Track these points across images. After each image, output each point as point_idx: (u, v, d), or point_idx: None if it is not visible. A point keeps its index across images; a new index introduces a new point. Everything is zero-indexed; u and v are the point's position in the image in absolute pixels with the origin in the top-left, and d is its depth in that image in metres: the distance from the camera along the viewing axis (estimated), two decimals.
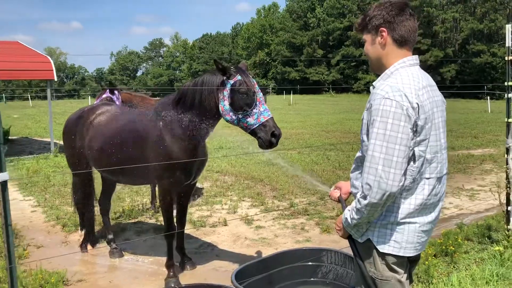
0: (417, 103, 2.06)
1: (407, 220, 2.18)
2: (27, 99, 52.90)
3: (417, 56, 2.28)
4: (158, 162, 4.22)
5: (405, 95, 2.06)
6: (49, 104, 13.64)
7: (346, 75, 62.44)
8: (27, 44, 15.38)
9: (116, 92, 6.55)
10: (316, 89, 58.97)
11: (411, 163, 2.12)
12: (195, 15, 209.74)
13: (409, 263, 2.33)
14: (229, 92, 3.97)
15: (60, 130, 5.71)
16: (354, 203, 2.20)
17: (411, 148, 2.09)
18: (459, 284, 4.13)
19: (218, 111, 4.09)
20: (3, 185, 2.30)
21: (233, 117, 3.97)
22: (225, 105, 4.00)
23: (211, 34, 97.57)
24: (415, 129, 2.08)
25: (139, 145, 4.35)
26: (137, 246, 5.53)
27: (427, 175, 2.18)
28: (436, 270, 4.50)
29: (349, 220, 2.23)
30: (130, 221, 6.56)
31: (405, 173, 2.08)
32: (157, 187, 5.86)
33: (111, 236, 5.39)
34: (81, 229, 5.55)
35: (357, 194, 2.22)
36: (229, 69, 4.01)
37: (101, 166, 4.73)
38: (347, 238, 2.37)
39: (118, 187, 6.82)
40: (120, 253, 5.31)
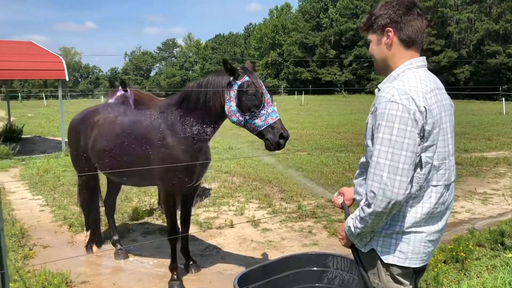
0: (424, 106, 1.97)
1: (413, 229, 2.09)
2: (42, 98, 53.46)
3: (424, 58, 2.18)
4: (161, 164, 4.16)
5: (412, 99, 1.96)
6: (60, 103, 13.71)
7: (359, 75, 62.02)
8: (43, 44, 15.53)
9: (129, 91, 6.50)
10: (328, 89, 58.66)
11: (418, 170, 2.03)
12: (208, 15, 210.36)
13: (414, 274, 2.23)
14: (236, 93, 3.90)
15: None
16: (357, 211, 2.11)
17: (417, 154, 1.99)
18: None
19: (224, 112, 4.03)
20: None
21: (240, 118, 3.90)
22: (231, 106, 3.93)
23: (223, 34, 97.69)
24: (422, 134, 1.98)
25: (141, 147, 4.30)
26: (142, 247, 5.49)
27: (434, 183, 2.09)
28: (446, 277, 4.39)
29: (352, 228, 2.15)
30: (136, 221, 6.52)
31: (411, 180, 1.99)
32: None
33: (116, 237, 5.36)
34: (87, 229, 5.53)
35: (361, 201, 2.14)
36: (237, 70, 3.95)
37: (104, 167, 4.69)
38: (350, 247, 2.28)
39: (125, 188, 6.82)
40: (125, 254, 5.28)
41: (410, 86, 2.01)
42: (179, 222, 4.73)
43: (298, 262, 3.66)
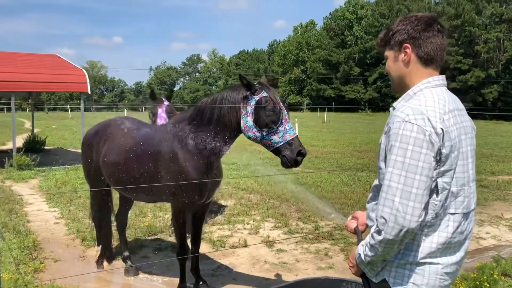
0: (441, 128, 1.82)
1: (428, 260, 1.92)
2: (67, 110, 54.63)
3: (444, 77, 2.03)
4: (171, 180, 4.07)
5: (428, 119, 1.82)
6: (81, 115, 13.89)
7: (383, 93, 61.46)
8: (70, 57, 15.97)
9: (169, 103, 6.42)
10: (352, 107, 58.25)
11: (434, 196, 1.87)
12: (233, 31, 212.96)
13: None
14: (253, 108, 3.81)
15: None
16: (368, 238, 1.96)
17: (433, 179, 1.84)
18: None
19: (239, 127, 3.92)
20: None
21: (257, 134, 3.80)
22: (247, 121, 3.83)
23: (247, 50, 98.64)
24: (438, 157, 1.83)
25: (152, 162, 4.22)
26: (153, 264, 5.38)
27: (452, 210, 1.92)
28: None
29: (363, 256, 1.99)
30: (149, 237, 6.43)
31: (426, 207, 1.83)
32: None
33: (126, 253, 5.27)
34: (98, 244, 5.46)
35: (372, 228, 1.98)
36: (254, 85, 3.87)
37: (114, 182, 4.63)
38: (360, 276, 2.12)
39: (140, 202, 6.75)
40: (136, 271, 5.17)
41: (427, 106, 1.87)
42: (189, 241, 4.61)
43: (311, 287, 3.49)
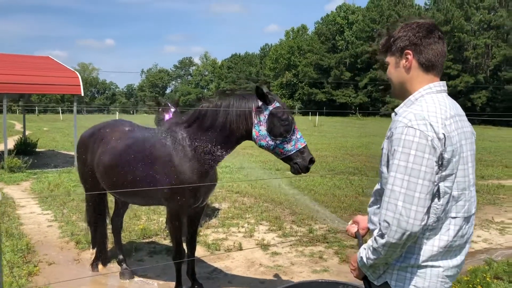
0: (443, 133, 1.86)
1: (430, 263, 1.96)
2: (58, 112, 54.23)
3: (444, 83, 2.08)
4: (167, 184, 4.08)
5: (431, 124, 1.86)
6: (74, 118, 13.81)
7: (374, 98, 61.90)
8: (62, 59, 15.81)
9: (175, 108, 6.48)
10: (343, 111, 58.56)
11: (436, 200, 1.91)
12: (225, 35, 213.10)
13: None
14: (266, 117, 3.90)
15: None
16: (370, 241, 1.99)
17: (435, 183, 1.88)
18: None
19: (248, 135, 4.00)
20: None
21: (270, 142, 3.90)
22: (260, 130, 3.92)
23: (239, 54, 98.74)
24: (440, 162, 1.87)
25: (146, 166, 4.23)
26: (148, 267, 5.37)
27: (453, 214, 1.96)
28: None
29: (365, 260, 2.02)
30: (144, 240, 6.42)
31: (428, 211, 1.87)
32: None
33: (121, 256, 5.26)
34: (93, 247, 5.44)
35: (374, 231, 2.01)
36: (269, 96, 3.95)
37: (108, 185, 4.62)
38: (361, 279, 2.15)
39: (134, 205, 6.73)
40: (131, 274, 5.16)
41: (429, 112, 1.91)
42: (184, 244, 4.62)
43: None
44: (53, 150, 18.18)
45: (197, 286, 4.72)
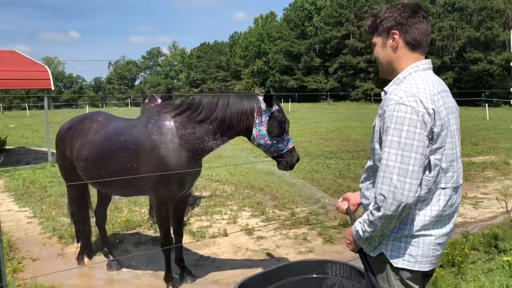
0: (432, 109, 1.96)
1: (422, 232, 2.07)
2: (24, 108, 52.64)
3: (430, 60, 2.17)
4: (153, 173, 4.10)
5: (420, 101, 1.95)
6: (45, 113, 13.49)
7: (344, 83, 62.45)
8: (25, 54, 15.29)
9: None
10: (314, 97, 58.95)
11: (427, 172, 2.01)
12: (193, 24, 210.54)
13: (423, 278, 2.20)
14: (267, 118, 4.13)
15: None
16: (366, 215, 2.08)
17: (426, 156, 1.97)
18: None
19: (247, 132, 4.21)
20: None
21: (268, 142, 4.17)
22: (261, 130, 4.15)
23: (209, 43, 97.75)
24: (431, 136, 1.97)
25: (131, 156, 4.22)
26: (135, 258, 5.38)
27: (442, 185, 2.07)
28: (444, 282, 4.37)
29: (361, 233, 2.11)
30: (128, 231, 6.41)
31: (420, 183, 1.97)
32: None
33: (108, 248, 5.24)
34: (77, 241, 5.40)
35: (369, 205, 2.10)
36: (273, 99, 4.18)
37: (89, 177, 4.60)
38: (357, 252, 2.25)
39: (116, 197, 6.70)
40: (118, 265, 5.16)
41: (418, 89, 2.00)
42: (172, 231, 4.65)
43: (297, 269, 3.60)
44: (23, 147, 17.73)
45: (186, 273, 4.76)
